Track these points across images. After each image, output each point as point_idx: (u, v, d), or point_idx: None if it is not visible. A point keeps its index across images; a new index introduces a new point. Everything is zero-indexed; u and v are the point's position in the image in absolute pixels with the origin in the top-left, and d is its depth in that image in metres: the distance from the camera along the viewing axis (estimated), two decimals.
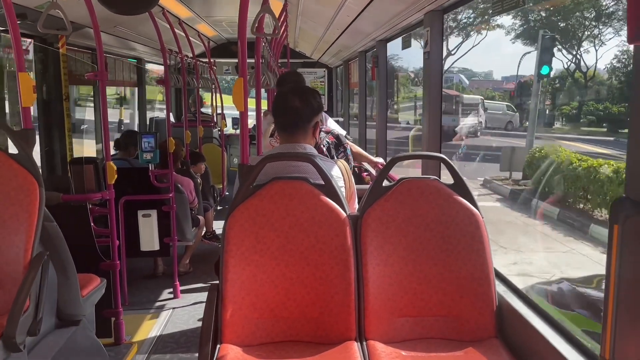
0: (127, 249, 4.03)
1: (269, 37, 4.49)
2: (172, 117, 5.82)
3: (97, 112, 5.43)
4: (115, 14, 3.02)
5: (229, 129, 8.37)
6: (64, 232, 2.39)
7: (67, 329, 2.37)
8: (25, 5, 3.13)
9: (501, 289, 2.15)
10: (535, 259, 6.93)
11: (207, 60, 7.22)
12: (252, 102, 2.68)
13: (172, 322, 3.76)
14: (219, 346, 1.95)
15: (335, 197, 2.07)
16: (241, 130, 2.24)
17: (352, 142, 3.83)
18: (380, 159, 4.00)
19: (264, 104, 3.43)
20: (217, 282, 2.04)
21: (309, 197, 2.05)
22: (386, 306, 2.03)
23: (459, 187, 2.13)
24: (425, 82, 3.29)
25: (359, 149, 4.01)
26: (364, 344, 1.99)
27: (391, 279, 2.04)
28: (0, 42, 3.87)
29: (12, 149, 2.28)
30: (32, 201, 2.14)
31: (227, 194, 7.26)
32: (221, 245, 2.03)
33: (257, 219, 2.02)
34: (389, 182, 2.22)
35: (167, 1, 4.17)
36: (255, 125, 2.66)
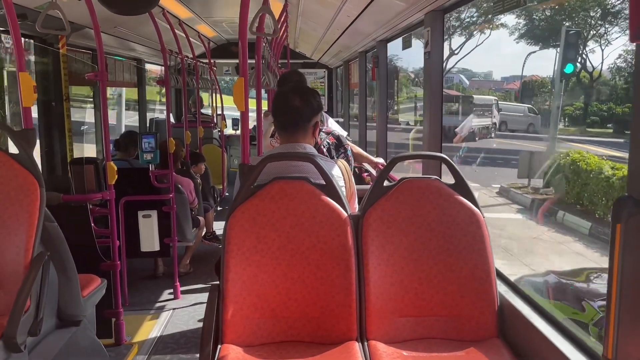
0: (127, 250, 4.03)
1: (269, 38, 4.49)
2: (172, 117, 5.81)
3: (97, 113, 5.43)
4: (115, 14, 3.02)
5: (229, 130, 8.36)
6: (64, 233, 2.39)
7: (68, 330, 2.37)
8: (25, 5, 3.12)
9: (502, 289, 2.15)
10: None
11: (207, 61, 7.22)
12: (252, 103, 2.68)
13: (172, 323, 3.76)
14: (220, 346, 1.95)
15: (336, 197, 2.07)
16: (242, 130, 2.24)
17: (352, 142, 3.83)
18: (380, 160, 4.00)
19: (264, 105, 3.42)
20: (218, 282, 2.04)
21: (309, 197, 2.05)
22: (387, 306, 2.03)
23: (460, 186, 2.13)
24: (425, 82, 3.29)
25: (359, 149, 4.01)
26: (365, 344, 1.99)
27: (392, 278, 2.04)
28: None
29: (12, 148, 2.28)
30: (32, 201, 2.13)
31: (227, 194, 7.25)
32: (222, 245, 2.03)
33: (258, 219, 2.02)
34: (389, 182, 2.22)
35: (168, 2, 4.17)
36: (255, 125, 2.66)
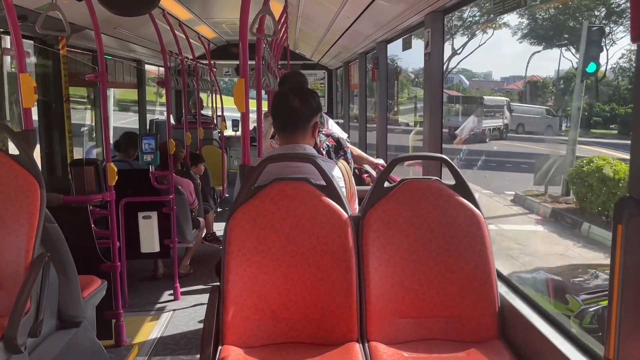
0: (127, 251, 4.02)
1: (270, 39, 4.49)
2: (172, 119, 5.81)
3: (97, 114, 5.44)
4: (115, 15, 3.02)
5: (229, 131, 8.36)
6: (64, 234, 2.38)
7: (68, 331, 2.36)
8: (26, 7, 3.12)
9: (503, 290, 2.14)
10: None
11: (207, 62, 7.22)
12: (252, 104, 2.68)
13: (172, 324, 3.76)
14: (220, 348, 1.95)
15: (336, 197, 2.07)
16: (242, 131, 2.24)
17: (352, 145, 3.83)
18: (380, 161, 4.00)
19: (265, 106, 3.42)
20: (218, 283, 2.04)
21: (310, 198, 2.05)
22: (388, 307, 2.02)
23: (461, 187, 2.13)
24: (426, 84, 3.29)
25: (359, 151, 4.00)
26: (366, 345, 1.99)
27: (393, 279, 2.04)
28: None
29: (12, 149, 2.28)
30: (33, 202, 2.13)
31: (227, 195, 7.25)
32: (222, 246, 2.03)
33: (258, 220, 2.02)
34: (389, 183, 2.21)
35: (168, 3, 4.17)
36: (255, 126, 2.66)
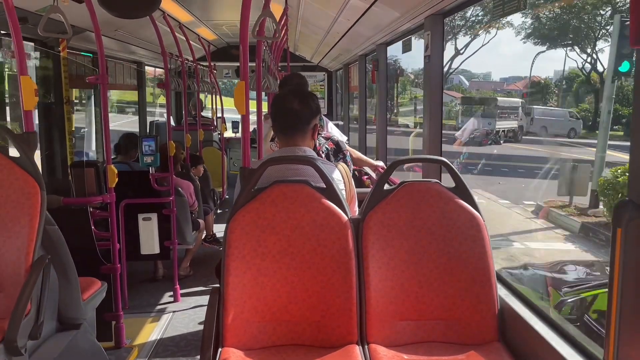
0: (127, 253, 4.02)
1: (270, 41, 4.49)
2: (172, 120, 5.81)
3: (97, 116, 5.44)
4: (116, 17, 3.02)
5: (229, 133, 8.37)
6: (64, 236, 2.39)
7: (68, 333, 2.36)
8: (26, 9, 3.13)
9: (502, 292, 2.14)
10: None
11: (207, 63, 7.23)
12: (252, 106, 2.68)
13: (172, 326, 3.76)
14: (220, 350, 1.95)
15: (336, 200, 2.07)
16: (242, 133, 2.24)
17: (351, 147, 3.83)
18: (380, 163, 4.01)
19: (265, 107, 3.43)
20: (218, 285, 2.04)
21: (310, 200, 2.05)
22: (388, 309, 2.03)
23: (460, 190, 2.13)
24: (425, 86, 3.29)
25: (359, 154, 4.01)
26: (366, 347, 1.99)
27: (393, 282, 2.04)
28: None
29: (13, 151, 2.28)
30: (33, 204, 2.14)
31: (227, 197, 7.26)
32: (222, 248, 2.03)
33: (258, 223, 2.02)
34: (389, 185, 2.22)
35: (168, 5, 4.17)
36: (255, 128, 2.66)
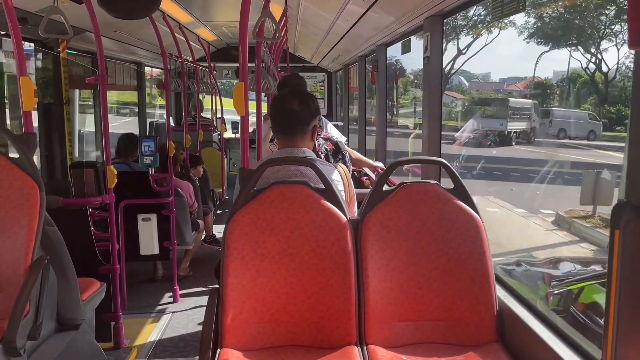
0: (126, 253, 4.02)
1: (269, 42, 4.50)
2: (171, 121, 5.82)
3: (97, 116, 5.44)
4: (115, 18, 3.03)
5: (229, 133, 8.37)
6: (64, 236, 2.39)
7: (67, 333, 2.36)
8: (26, 9, 3.13)
9: (501, 293, 2.15)
10: None
11: (207, 64, 7.23)
12: (252, 106, 2.68)
13: (171, 326, 3.76)
14: (219, 350, 1.95)
15: (335, 201, 2.08)
16: (242, 134, 2.24)
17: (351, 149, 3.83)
18: (380, 163, 4.01)
19: (264, 108, 3.43)
20: (218, 286, 2.04)
21: (309, 201, 2.05)
22: (387, 310, 2.03)
23: (459, 191, 2.13)
24: (425, 87, 3.30)
25: (358, 154, 4.01)
26: (365, 348, 1.99)
27: (392, 283, 2.04)
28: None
29: (13, 152, 2.28)
30: (32, 205, 2.14)
31: (227, 197, 7.26)
32: (222, 249, 2.03)
33: (257, 223, 2.02)
34: (389, 186, 2.22)
35: (168, 6, 4.18)
36: (254, 129, 2.66)
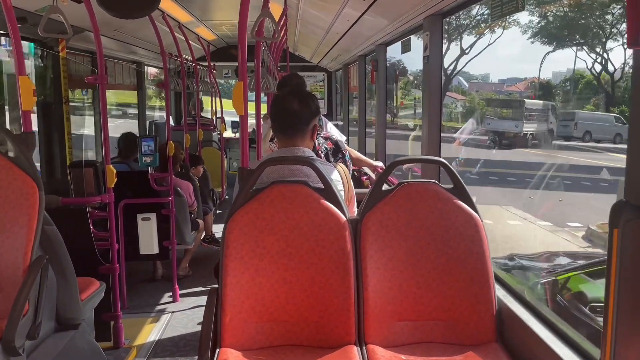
0: (126, 253, 4.02)
1: (269, 41, 4.49)
2: (171, 120, 5.82)
3: (96, 116, 5.44)
4: (115, 17, 3.02)
5: (228, 133, 8.37)
6: (63, 236, 2.39)
7: (66, 333, 2.36)
8: (25, 9, 3.13)
9: (501, 293, 2.15)
10: None
11: (206, 64, 7.23)
12: (251, 108, 2.68)
13: (171, 326, 3.76)
14: (218, 350, 1.95)
15: (335, 200, 2.07)
16: (241, 134, 2.24)
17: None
18: (379, 163, 4.01)
19: (264, 108, 3.43)
20: (217, 286, 2.04)
21: (308, 200, 2.05)
22: (386, 310, 2.03)
23: (459, 191, 2.13)
24: (424, 86, 3.29)
25: (358, 154, 4.01)
26: (364, 348, 1.99)
27: (391, 282, 2.04)
28: None
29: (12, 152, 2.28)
30: (31, 205, 2.13)
31: (227, 197, 7.26)
32: (221, 249, 2.03)
33: (257, 223, 2.02)
34: (388, 186, 2.22)
35: (167, 5, 4.17)
36: (254, 129, 2.66)
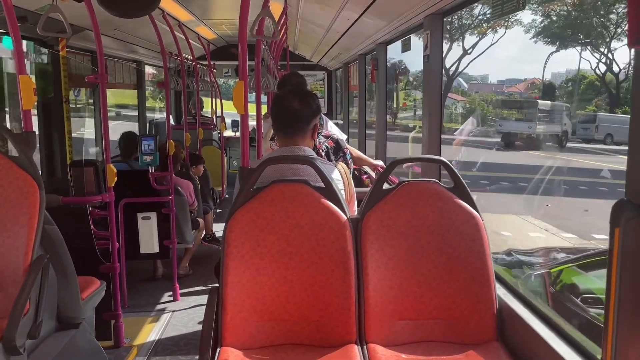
0: (126, 252, 4.02)
1: (269, 40, 4.49)
2: (171, 119, 5.82)
3: (97, 115, 5.44)
4: (115, 16, 3.02)
5: (229, 132, 8.37)
6: (64, 235, 2.39)
7: (67, 332, 2.36)
8: (26, 8, 3.13)
9: (501, 292, 2.15)
10: None
11: (207, 62, 7.22)
12: (251, 109, 2.67)
13: (171, 325, 3.76)
14: (219, 349, 1.95)
15: (335, 199, 2.07)
16: (242, 133, 2.24)
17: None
18: (380, 162, 4.01)
19: (264, 108, 3.42)
20: (217, 285, 2.04)
21: (309, 200, 2.05)
22: (387, 309, 2.03)
23: (459, 190, 2.13)
24: (425, 86, 3.29)
25: (359, 152, 4.01)
26: (365, 347, 1.99)
27: (391, 281, 2.04)
28: None
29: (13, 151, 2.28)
30: (32, 204, 2.13)
31: (227, 196, 7.26)
32: (221, 248, 2.03)
33: (257, 222, 2.02)
34: (389, 185, 2.22)
35: (167, 4, 4.17)
36: (254, 128, 2.66)
